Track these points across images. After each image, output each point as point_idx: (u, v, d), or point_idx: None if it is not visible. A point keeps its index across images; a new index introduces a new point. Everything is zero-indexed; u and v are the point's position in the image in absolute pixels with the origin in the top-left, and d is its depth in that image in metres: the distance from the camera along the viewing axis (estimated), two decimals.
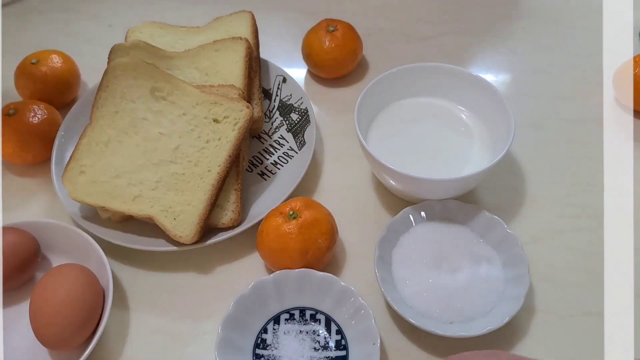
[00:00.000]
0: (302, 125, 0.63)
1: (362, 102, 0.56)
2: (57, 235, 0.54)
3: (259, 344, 0.48)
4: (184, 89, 0.57)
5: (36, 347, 0.48)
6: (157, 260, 0.56)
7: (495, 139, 0.56)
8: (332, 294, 0.49)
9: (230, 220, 0.54)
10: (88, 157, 0.55)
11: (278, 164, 0.61)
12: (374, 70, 0.71)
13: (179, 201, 0.54)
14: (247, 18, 0.68)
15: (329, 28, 0.67)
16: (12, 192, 0.62)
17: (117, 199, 0.54)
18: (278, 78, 0.67)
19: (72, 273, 0.49)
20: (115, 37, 0.70)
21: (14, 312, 0.52)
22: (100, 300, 0.49)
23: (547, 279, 0.52)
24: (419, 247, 0.51)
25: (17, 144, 0.60)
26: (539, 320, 0.50)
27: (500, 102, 0.55)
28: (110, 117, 0.56)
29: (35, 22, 0.82)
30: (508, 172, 0.60)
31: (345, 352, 0.47)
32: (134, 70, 0.57)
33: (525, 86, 0.69)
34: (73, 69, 0.69)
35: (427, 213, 0.54)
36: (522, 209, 0.57)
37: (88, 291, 0.48)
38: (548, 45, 0.73)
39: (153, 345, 0.50)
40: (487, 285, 0.49)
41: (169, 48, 0.65)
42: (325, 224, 0.51)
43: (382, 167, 0.52)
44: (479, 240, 0.52)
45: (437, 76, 0.59)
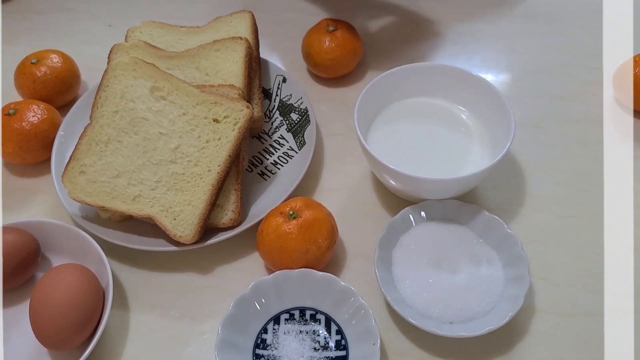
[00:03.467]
0: (302, 125, 0.63)
1: (362, 102, 0.56)
2: (57, 235, 0.54)
3: (259, 344, 0.48)
4: (184, 89, 0.57)
5: (36, 347, 0.48)
6: (157, 260, 0.56)
7: (495, 139, 0.56)
8: (332, 294, 0.49)
9: (230, 220, 0.54)
10: (88, 157, 0.55)
11: (278, 164, 0.61)
12: (374, 70, 0.71)
13: (179, 201, 0.54)
14: (247, 18, 0.68)
15: (329, 28, 0.67)
16: (12, 192, 0.62)
17: (117, 198, 0.54)
18: (278, 78, 0.67)
19: (72, 273, 0.49)
20: (115, 37, 0.70)
21: (14, 312, 0.52)
22: (100, 300, 0.49)
23: (547, 279, 0.52)
24: (419, 247, 0.51)
25: (17, 144, 0.60)
26: (539, 320, 0.50)
27: (500, 102, 0.55)
28: (110, 117, 0.56)
29: (35, 22, 0.82)
30: (508, 172, 0.60)
31: (345, 352, 0.47)
32: (134, 70, 0.57)
33: (525, 86, 0.69)
34: (73, 69, 0.69)
35: (427, 213, 0.54)
36: (522, 209, 0.57)
37: (88, 291, 0.48)
38: (548, 45, 0.73)
39: (153, 345, 0.50)
40: (487, 285, 0.49)
41: (169, 48, 0.65)
42: (325, 224, 0.51)
43: (382, 167, 0.52)
44: (479, 240, 0.52)
45: (437, 76, 0.59)
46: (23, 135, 0.60)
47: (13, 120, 0.60)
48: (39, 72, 0.66)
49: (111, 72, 0.58)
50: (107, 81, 0.58)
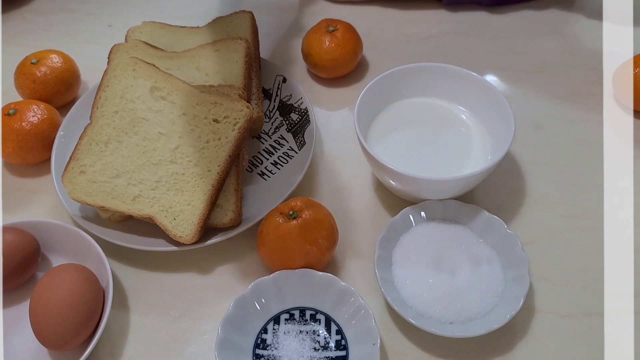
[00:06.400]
0: (302, 125, 0.63)
1: (362, 102, 0.56)
2: (57, 235, 0.54)
3: (259, 344, 0.48)
4: (184, 89, 0.57)
5: (36, 347, 0.48)
6: (157, 260, 0.56)
7: (495, 139, 0.56)
8: (332, 294, 0.49)
9: (230, 220, 0.54)
10: (88, 157, 0.55)
11: (278, 164, 0.61)
12: (374, 70, 0.71)
13: (179, 201, 0.54)
14: (247, 18, 0.68)
15: (329, 28, 0.67)
16: (12, 192, 0.62)
17: (116, 199, 0.54)
18: (278, 78, 0.67)
19: (72, 273, 0.49)
20: (115, 37, 0.70)
21: (14, 312, 0.52)
22: (100, 300, 0.49)
23: (547, 279, 0.52)
24: (419, 247, 0.51)
25: (17, 144, 0.60)
26: (539, 320, 0.50)
27: (500, 102, 0.55)
28: (110, 117, 0.56)
29: (35, 22, 0.82)
30: (508, 172, 0.60)
31: (345, 352, 0.47)
32: (134, 70, 0.57)
33: (525, 86, 0.69)
34: (73, 69, 0.69)
35: (427, 213, 0.54)
36: (522, 209, 0.57)
37: (88, 291, 0.48)
38: (548, 45, 0.73)
39: (153, 345, 0.50)
40: (487, 285, 0.49)
41: (169, 48, 0.65)
42: (325, 224, 0.51)
43: (382, 167, 0.52)
44: (479, 240, 0.52)
45: (437, 76, 0.59)
46: (23, 135, 0.60)
47: (13, 120, 0.60)
48: (39, 72, 0.66)
49: (111, 72, 0.58)
50: (107, 81, 0.58)
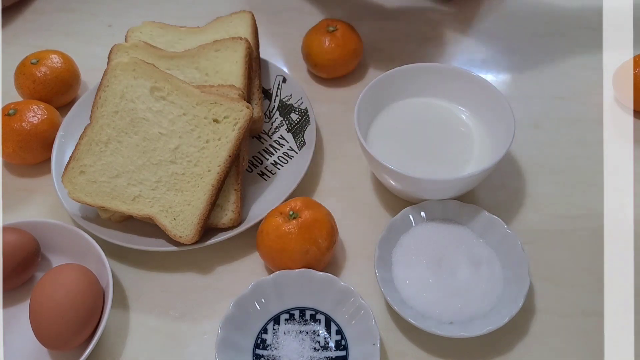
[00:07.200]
0: (302, 125, 0.63)
1: (362, 102, 0.56)
2: (57, 235, 0.54)
3: (259, 344, 0.48)
4: (184, 89, 0.57)
5: (36, 347, 0.48)
6: (157, 260, 0.56)
7: (495, 139, 0.56)
8: (332, 294, 0.49)
9: (230, 220, 0.54)
10: (88, 157, 0.55)
11: (278, 164, 0.61)
12: (374, 70, 0.71)
13: (179, 201, 0.54)
14: (247, 18, 0.68)
15: (329, 28, 0.67)
16: (12, 192, 0.62)
17: (116, 199, 0.54)
18: (278, 78, 0.67)
19: (72, 273, 0.49)
20: (115, 37, 0.70)
21: (14, 312, 0.52)
22: (100, 300, 0.49)
23: (547, 279, 0.52)
24: (419, 247, 0.52)
25: (17, 144, 0.60)
26: (539, 320, 0.50)
27: (501, 102, 0.55)
28: (110, 117, 0.56)
29: (35, 22, 0.82)
30: (508, 172, 0.60)
31: (345, 352, 0.47)
32: (134, 70, 0.57)
33: (525, 86, 0.69)
34: (73, 69, 0.69)
35: (427, 213, 0.54)
36: (522, 209, 0.57)
37: (88, 291, 0.48)
38: (548, 45, 0.73)
39: (153, 345, 0.50)
40: (487, 285, 0.49)
41: (169, 48, 0.65)
42: (325, 224, 0.51)
43: (382, 167, 0.52)
44: (479, 240, 0.52)
45: (437, 76, 0.59)
46: (23, 135, 0.60)
47: (13, 121, 0.60)
48: (39, 72, 0.66)
49: (111, 72, 0.58)
50: (107, 81, 0.57)
